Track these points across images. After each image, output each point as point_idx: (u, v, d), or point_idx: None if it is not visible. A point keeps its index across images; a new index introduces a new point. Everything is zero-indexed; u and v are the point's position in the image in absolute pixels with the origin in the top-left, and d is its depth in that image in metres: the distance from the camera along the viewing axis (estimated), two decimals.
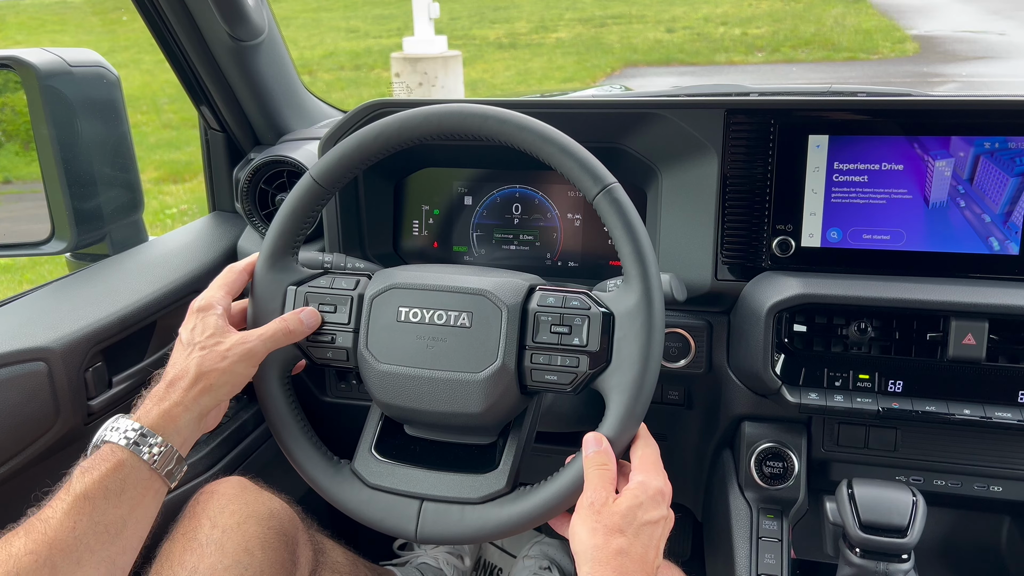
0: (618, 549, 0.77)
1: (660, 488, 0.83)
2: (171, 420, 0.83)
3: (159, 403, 0.84)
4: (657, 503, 0.82)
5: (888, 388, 1.09)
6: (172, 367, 0.88)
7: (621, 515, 0.79)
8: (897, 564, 1.01)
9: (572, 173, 0.87)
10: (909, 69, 9.98)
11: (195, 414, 0.85)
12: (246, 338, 0.90)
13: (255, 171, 1.41)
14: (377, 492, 0.92)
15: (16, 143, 1.37)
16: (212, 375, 0.86)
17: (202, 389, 0.86)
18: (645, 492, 0.82)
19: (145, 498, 0.81)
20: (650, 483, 0.83)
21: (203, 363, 0.86)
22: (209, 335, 0.89)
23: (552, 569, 1.64)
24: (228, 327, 0.91)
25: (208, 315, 0.91)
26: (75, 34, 13.41)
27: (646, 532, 0.80)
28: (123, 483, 0.79)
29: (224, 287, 0.96)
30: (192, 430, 0.86)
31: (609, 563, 0.77)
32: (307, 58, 12.46)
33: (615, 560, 0.77)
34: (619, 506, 0.80)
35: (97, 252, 1.41)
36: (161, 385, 0.87)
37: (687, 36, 13.52)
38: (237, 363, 0.88)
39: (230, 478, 1.09)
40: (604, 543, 0.78)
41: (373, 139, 0.92)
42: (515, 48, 13.28)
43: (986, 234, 1.10)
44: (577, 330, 0.88)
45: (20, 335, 1.06)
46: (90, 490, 0.78)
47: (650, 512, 0.81)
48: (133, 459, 0.80)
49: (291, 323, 0.93)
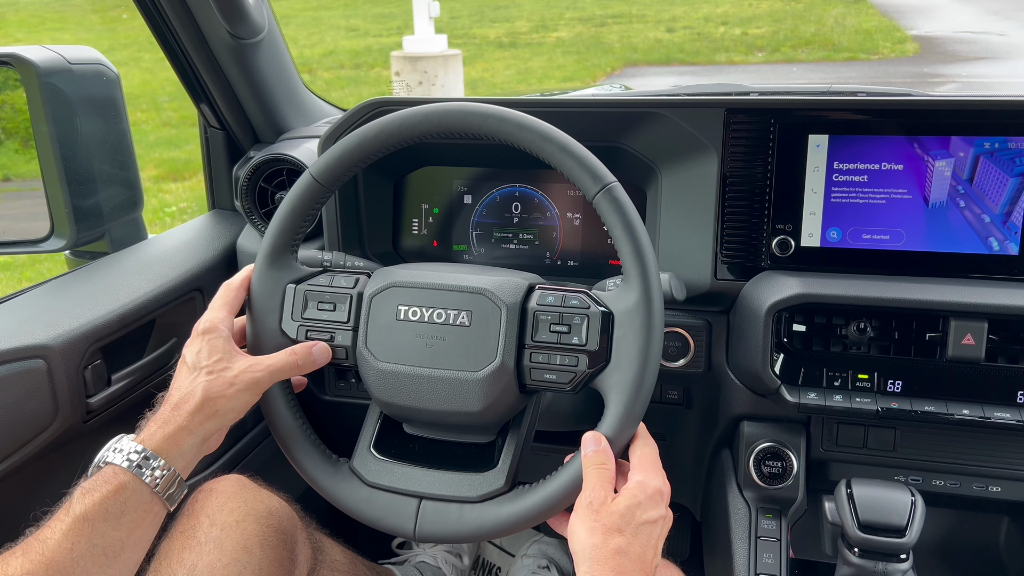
0: (616, 548, 0.77)
1: (659, 488, 0.83)
2: (175, 444, 0.83)
3: (163, 426, 0.84)
4: (656, 502, 0.82)
5: (887, 388, 1.09)
6: (177, 390, 0.87)
7: (619, 515, 0.79)
8: (895, 564, 1.01)
9: (572, 172, 0.87)
10: (909, 69, 9.98)
11: (199, 438, 0.85)
12: (254, 367, 0.89)
13: (255, 169, 1.41)
14: (376, 490, 0.92)
15: (16, 141, 1.37)
16: (219, 401, 0.86)
17: (207, 415, 0.85)
18: (644, 491, 0.82)
19: (144, 521, 0.81)
20: (649, 483, 0.83)
21: (210, 388, 0.86)
22: (217, 359, 0.88)
23: (550, 568, 1.64)
24: (234, 350, 0.90)
25: (214, 338, 0.90)
26: (75, 32, 13.40)
27: (644, 531, 0.80)
28: (123, 506, 0.79)
29: (225, 306, 0.95)
30: (195, 454, 0.86)
31: (607, 562, 0.77)
32: (307, 56, 12.45)
33: (613, 559, 0.77)
34: (617, 506, 0.80)
35: (96, 250, 1.41)
36: (166, 408, 0.86)
37: (687, 36, 13.51)
38: (243, 391, 0.87)
39: (229, 476, 1.09)
40: (603, 542, 0.78)
41: (373, 137, 0.92)
42: (515, 47, 13.27)
43: (986, 234, 1.10)
44: (576, 329, 0.88)
45: (19, 332, 1.06)
46: (90, 512, 0.77)
47: (648, 511, 0.81)
48: (135, 482, 0.80)
49: (300, 356, 0.92)
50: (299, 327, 0.95)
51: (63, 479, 1.14)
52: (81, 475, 1.15)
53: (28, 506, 1.09)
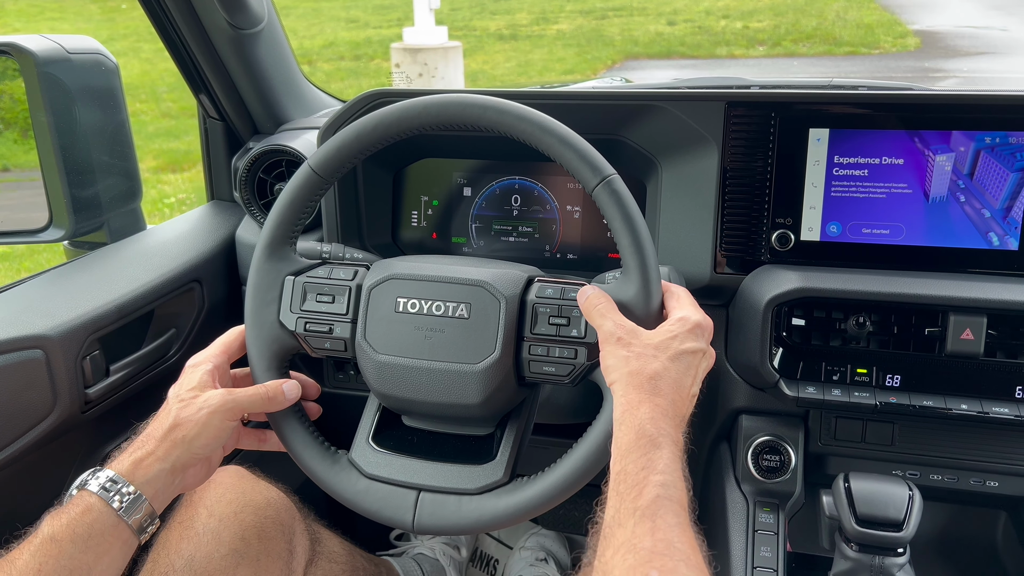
0: (653, 372, 0.78)
1: (699, 322, 0.84)
2: (143, 469, 0.83)
3: (132, 453, 0.84)
4: (696, 336, 0.82)
5: (886, 382, 1.09)
6: (155, 419, 0.88)
7: (654, 345, 0.80)
8: (893, 558, 1.01)
9: (571, 164, 0.87)
10: (910, 64, 9.96)
11: (167, 465, 0.84)
12: (225, 394, 0.89)
13: (254, 160, 1.40)
14: (374, 482, 0.92)
15: (14, 130, 1.36)
16: (186, 426, 0.85)
17: (174, 440, 0.85)
18: (683, 325, 0.82)
19: (113, 547, 0.80)
20: (689, 317, 0.83)
21: (179, 414, 0.86)
22: (190, 388, 0.89)
23: (548, 560, 1.65)
24: (212, 383, 0.90)
25: (196, 370, 0.91)
26: (74, 22, 13.36)
27: (684, 360, 0.80)
28: (90, 528, 0.78)
29: (222, 346, 0.95)
30: (165, 483, 0.84)
31: (643, 386, 0.77)
32: (307, 48, 12.41)
33: (649, 383, 0.77)
34: (653, 337, 0.80)
35: (95, 240, 1.40)
36: (140, 437, 0.87)
37: (688, 29, 13.48)
38: (212, 415, 0.86)
39: (227, 467, 1.09)
40: (639, 368, 0.78)
41: (372, 129, 0.92)
42: (516, 39, 13.24)
43: (986, 229, 1.10)
44: (575, 322, 0.88)
45: (17, 323, 1.06)
46: (58, 533, 0.77)
47: (687, 343, 0.81)
48: (101, 504, 0.80)
49: (272, 391, 0.92)
50: (298, 319, 0.95)
51: (61, 469, 1.14)
52: (80, 465, 1.16)
53: (27, 496, 1.09)
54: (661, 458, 0.72)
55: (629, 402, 0.76)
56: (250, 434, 0.99)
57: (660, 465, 0.71)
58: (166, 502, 0.86)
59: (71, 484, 0.83)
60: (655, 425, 0.74)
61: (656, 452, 0.72)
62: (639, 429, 0.74)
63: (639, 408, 0.75)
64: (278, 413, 0.94)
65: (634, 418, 0.75)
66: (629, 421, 0.75)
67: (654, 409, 0.75)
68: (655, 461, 0.72)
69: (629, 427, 0.75)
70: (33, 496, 1.10)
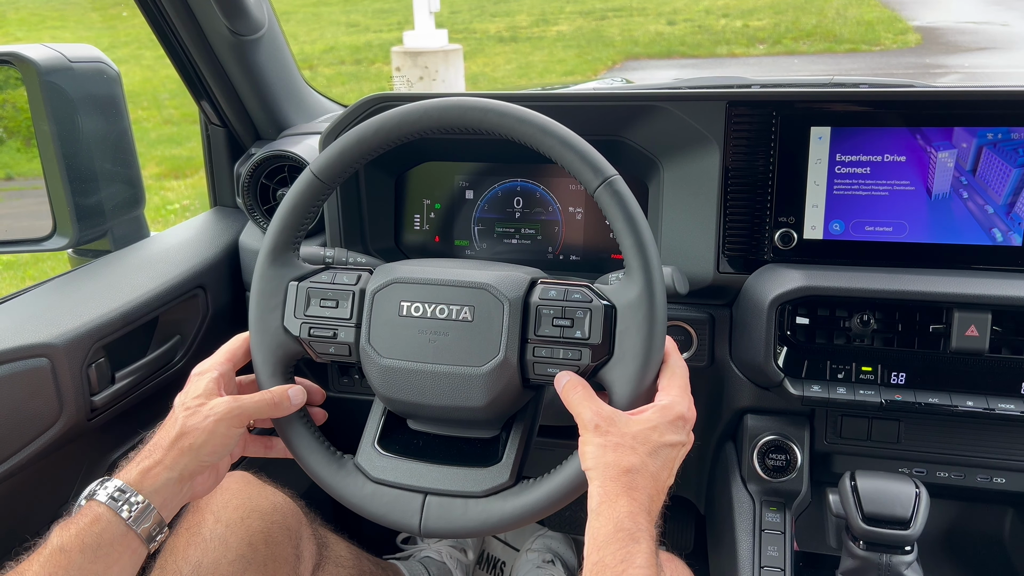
0: (629, 466, 0.77)
1: (682, 413, 0.83)
2: (151, 478, 0.83)
3: (140, 462, 0.84)
4: (676, 428, 0.82)
5: (891, 380, 1.09)
6: (161, 429, 0.88)
7: (633, 436, 0.79)
8: (900, 556, 1.01)
9: (573, 166, 0.87)
10: (911, 60, 9.95)
11: (175, 474, 0.84)
12: (231, 401, 0.89)
13: (256, 166, 1.41)
14: (380, 486, 0.92)
15: (17, 139, 1.37)
16: (193, 434, 0.85)
17: (181, 449, 0.85)
18: (664, 416, 0.81)
19: (122, 557, 0.80)
20: (673, 407, 0.82)
21: (186, 423, 0.86)
22: (195, 396, 0.89)
23: (555, 562, 1.65)
24: (217, 391, 0.90)
25: (202, 378, 0.91)
26: (75, 30, 13.39)
27: (663, 454, 0.80)
28: (99, 537, 0.78)
29: (227, 353, 0.95)
30: (173, 491, 0.84)
31: (619, 479, 0.77)
32: (307, 53, 12.43)
33: (625, 477, 0.77)
34: (632, 427, 0.80)
35: (99, 248, 1.41)
36: (147, 446, 0.87)
37: (688, 28, 13.48)
38: (218, 422, 0.86)
39: (233, 473, 1.09)
40: (615, 460, 0.78)
41: (373, 134, 0.92)
42: (516, 41, 13.25)
43: (989, 225, 1.10)
44: (579, 323, 0.87)
45: (23, 331, 1.06)
46: (67, 543, 0.77)
47: (667, 435, 0.81)
48: (109, 513, 0.80)
49: (277, 396, 0.92)
50: (302, 324, 0.95)
51: (68, 477, 1.15)
52: (86, 473, 1.16)
53: (33, 504, 1.09)
54: (640, 552, 0.72)
55: (607, 493, 0.77)
56: (256, 441, 0.99)
57: (639, 560, 0.72)
58: (175, 510, 0.86)
59: (79, 492, 0.83)
60: (633, 520, 0.74)
61: (635, 546, 0.73)
62: (617, 523, 0.74)
63: (617, 501, 0.76)
64: (284, 419, 0.94)
65: (612, 511, 0.75)
66: (607, 513, 0.75)
67: (632, 504, 0.76)
68: (634, 555, 0.72)
69: (608, 519, 0.75)
70: (40, 503, 1.10)
